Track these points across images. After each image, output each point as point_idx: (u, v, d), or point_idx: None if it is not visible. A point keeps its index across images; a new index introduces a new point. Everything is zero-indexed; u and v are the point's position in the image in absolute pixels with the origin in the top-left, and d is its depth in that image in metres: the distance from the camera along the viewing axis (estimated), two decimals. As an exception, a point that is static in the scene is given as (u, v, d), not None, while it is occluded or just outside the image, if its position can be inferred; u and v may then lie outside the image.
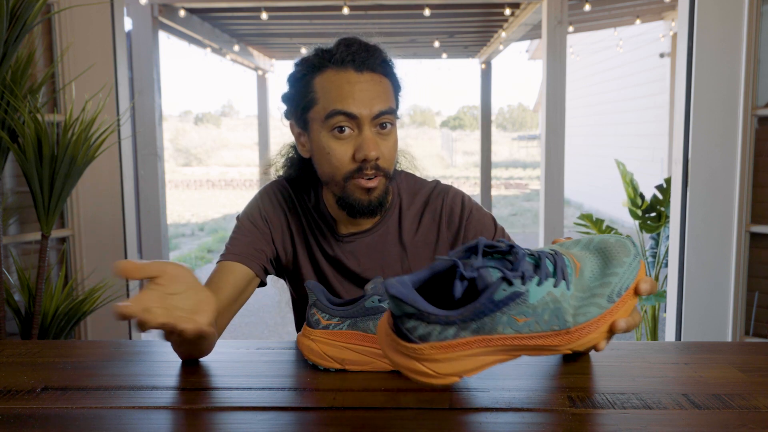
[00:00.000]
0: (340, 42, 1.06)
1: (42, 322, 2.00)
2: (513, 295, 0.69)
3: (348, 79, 1.03)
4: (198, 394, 0.87)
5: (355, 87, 1.03)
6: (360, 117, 1.02)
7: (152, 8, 4.58)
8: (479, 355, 0.71)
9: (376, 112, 1.03)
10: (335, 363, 0.93)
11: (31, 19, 1.84)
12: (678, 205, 2.28)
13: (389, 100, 1.06)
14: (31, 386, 0.88)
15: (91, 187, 2.33)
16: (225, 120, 36.68)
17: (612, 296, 0.72)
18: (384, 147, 1.05)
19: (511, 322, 0.69)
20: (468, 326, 0.69)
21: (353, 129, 1.04)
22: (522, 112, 39.78)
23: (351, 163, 1.04)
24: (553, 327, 0.70)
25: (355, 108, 1.02)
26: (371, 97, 1.03)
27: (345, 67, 1.04)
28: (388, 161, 1.06)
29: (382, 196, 1.08)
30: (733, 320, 2.22)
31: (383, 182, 1.07)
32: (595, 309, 0.71)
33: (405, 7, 5.15)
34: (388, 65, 1.08)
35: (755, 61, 2.14)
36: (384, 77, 1.06)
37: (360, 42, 1.06)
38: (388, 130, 1.06)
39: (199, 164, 22.61)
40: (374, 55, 1.06)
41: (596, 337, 0.72)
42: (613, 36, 8.61)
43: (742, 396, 0.83)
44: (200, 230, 9.32)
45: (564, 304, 0.71)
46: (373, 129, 1.04)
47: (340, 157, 1.04)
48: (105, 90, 2.27)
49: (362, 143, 1.03)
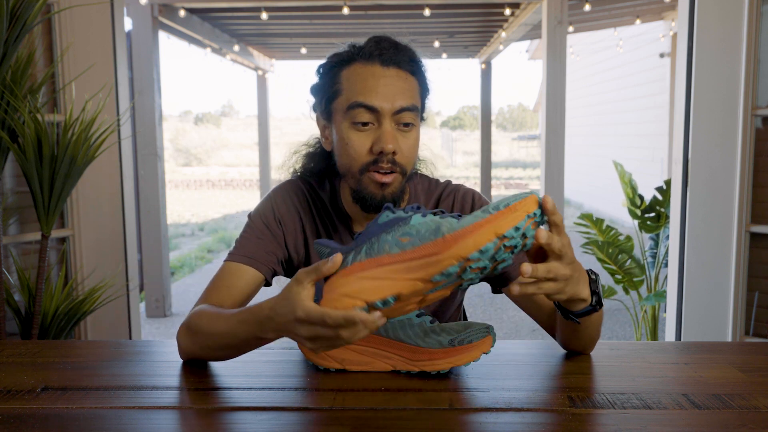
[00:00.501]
0: (371, 38, 1.08)
1: (42, 322, 2.00)
2: (395, 219, 0.81)
3: (373, 72, 1.04)
4: (198, 394, 0.87)
5: (380, 81, 1.03)
6: (381, 110, 1.03)
7: (152, 8, 4.58)
8: (375, 278, 0.78)
9: (398, 107, 1.03)
10: (335, 363, 0.93)
11: (31, 19, 1.84)
12: (678, 205, 2.28)
13: (413, 98, 1.06)
14: (31, 386, 0.88)
15: (91, 187, 2.33)
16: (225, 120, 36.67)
17: (488, 209, 0.76)
18: (403, 143, 1.05)
19: (396, 242, 0.79)
20: (361, 249, 0.80)
21: (374, 122, 1.04)
22: (522, 112, 39.78)
23: (368, 155, 1.04)
24: (430, 238, 0.77)
25: (377, 101, 1.02)
26: (394, 92, 1.03)
27: (372, 61, 1.05)
28: (406, 158, 1.06)
29: (397, 193, 1.07)
30: (733, 320, 2.22)
31: (399, 179, 1.06)
32: (469, 218, 0.76)
33: (405, 7, 5.15)
34: (417, 65, 1.09)
35: (755, 61, 2.14)
36: (410, 75, 1.07)
37: (390, 39, 1.08)
38: (410, 129, 1.06)
39: (199, 164, 22.61)
40: (403, 53, 1.06)
41: (477, 240, 0.74)
42: (613, 36, 8.61)
43: (742, 396, 0.83)
44: (200, 230, 9.32)
45: (444, 223, 0.77)
46: (393, 124, 1.04)
47: (357, 148, 1.04)
48: (105, 90, 2.27)
49: (381, 136, 1.03)
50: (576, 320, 0.91)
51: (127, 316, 2.45)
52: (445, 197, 1.19)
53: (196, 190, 15.62)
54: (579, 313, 0.90)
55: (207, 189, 15.75)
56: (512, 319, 4.52)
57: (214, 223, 9.90)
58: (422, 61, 1.11)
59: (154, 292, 4.69)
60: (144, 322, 4.56)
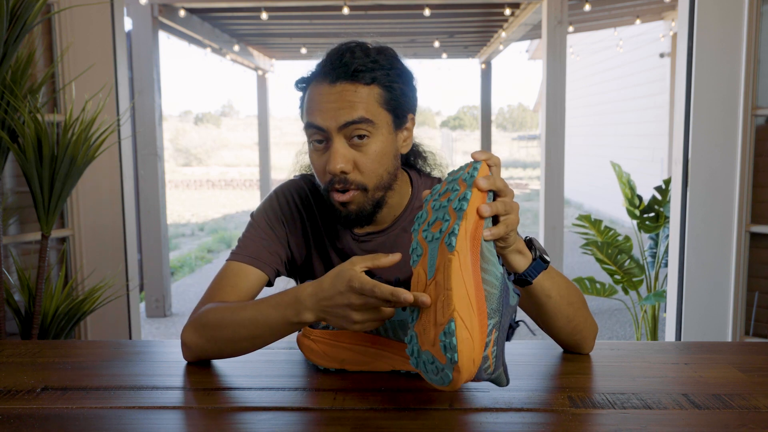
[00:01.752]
0: (331, 52, 1.05)
1: (42, 322, 2.00)
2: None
3: (320, 91, 1.03)
4: (198, 394, 0.87)
5: (323, 98, 1.02)
6: (327, 129, 1.01)
7: (152, 8, 4.58)
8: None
9: (342, 122, 1.00)
10: (335, 363, 0.93)
11: (31, 19, 1.84)
12: (678, 205, 2.28)
13: (363, 109, 1.01)
14: (31, 386, 0.88)
15: (91, 187, 2.33)
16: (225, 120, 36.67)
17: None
18: (359, 158, 1.02)
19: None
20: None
21: (327, 141, 1.03)
22: (522, 112, 39.77)
23: (326, 175, 1.04)
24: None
25: (320, 120, 1.01)
26: (338, 108, 1.00)
27: (323, 79, 1.03)
28: (364, 174, 1.03)
29: (366, 207, 1.05)
30: (733, 320, 2.22)
31: (359, 196, 1.04)
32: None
33: (405, 7, 5.15)
34: (376, 73, 1.03)
35: (755, 61, 2.14)
36: (364, 86, 1.02)
37: (351, 49, 1.04)
38: (365, 141, 1.02)
39: (199, 164, 22.61)
40: (358, 63, 1.02)
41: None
42: (613, 36, 8.61)
43: (742, 396, 0.83)
44: (200, 230, 9.32)
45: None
46: (344, 141, 1.02)
47: (317, 167, 1.05)
48: (105, 90, 2.27)
49: (329, 156, 1.02)
50: (530, 279, 0.94)
51: (127, 316, 2.45)
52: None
53: (196, 190, 15.62)
54: (530, 271, 0.93)
55: (207, 189, 15.75)
56: (512, 319, 4.51)
57: (214, 223, 9.90)
58: (398, 63, 1.07)
59: (154, 292, 4.69)
60: (144, 322, 4.56)
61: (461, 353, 0.70)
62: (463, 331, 0.71)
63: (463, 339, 0.71)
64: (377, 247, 1.16)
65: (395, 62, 1.06)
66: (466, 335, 0.71)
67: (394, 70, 1.05)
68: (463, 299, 0.73)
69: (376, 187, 1.05)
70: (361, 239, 1.15)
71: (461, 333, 0.71)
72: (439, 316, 0.74)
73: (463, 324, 0.71)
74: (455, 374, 0.71)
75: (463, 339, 0.71)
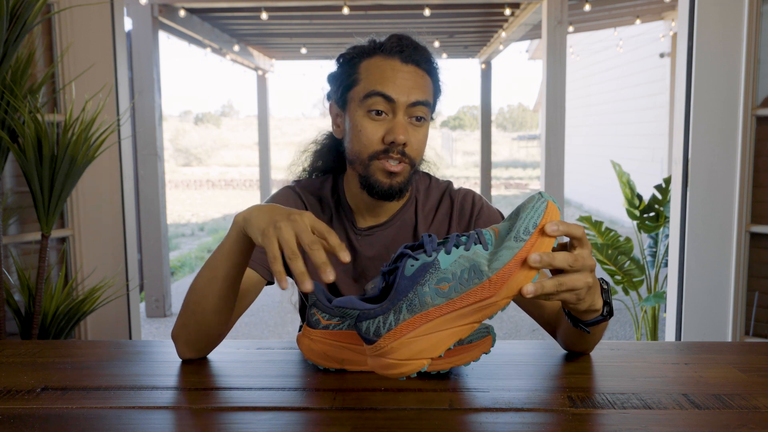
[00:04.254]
0: (393, 35, 1.12)
1: (42, 322, 1.99)
2: (424, 267, 0.75)
3: (393, 65, 1.08)
4: (198, 394, 0.87)
5: (398, 74, 1.08)
6: (397, 101, 1.07)
7: (152, 8, 4.58)
8: (430, 332, 0.75)
9: (413, 100, 1.07)
10: (335, 363, 0.93)
11: (31, 19, 1.84)
12: (678, 205, 2.28)
13: (427, 94, 1.10)
14: (31, 386, 0.88)
15: (91, 187, 2.33)
16: (225, 120, 36.68)
17: (518, 235, 0.75)
18: (414, 136, 1.09)
19: (437, 291, 0.75)
20: (400, 308, 0.75)
21: (388, 113, 1.08)
22: (522, 112, 39.77)
23: (379, 144, 1.08)
24: (474, 282, 0.74)
25: (393, 92, 1.07)
26: (411, 86, 1.07)
27: (392, 56, 1.09)
28: (416, 150, 1.10)
29: (404, 183, 1.11)
30: (733, 320, 2.22)
31: (407, 170, 1.10)
32: (506, 252, 0.75)
33: (405, 7, 5.15)
34: (433, 66, 1.13)
35: (755, 61, 2.13)
36: (426, 74, 1.11)
37: (411, 39, 1.12)
38: (421, 123, 1.10)
39: (199, 164, 22.60)
40: (421, 52, 1.11)
41: (526, 275, 0.74)
42: (613, 36, 8.62)
43: (742, 396, 0.83)
44: (200, 230, 9.32)
45: (479, 259, 0.75)
46: (406, 117, 1.08)
47: (370, 135, 1.08)
48: (105, 90, 2.27)
49: (394, 126, 1.07)
50: (586, 330, 0.90)
51: (127, 316, 2.45)
52: (446, 197, 1.23)
53: (196, 190, 15.61)
54: (590, 323, 0.89)
55: (207, 189, 15.74)
56: (512, 319, 4.52)
57: (214, 223, 9.90)
58: (437, 63, 1.15)
59: (154, 292, 4.69)
60: (144, 322, 4.56)
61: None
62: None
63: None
64: (379, 240, 1.19)
65: (437, 64, 1.16)
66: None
67: (439, 71, 1.15)
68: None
69: (416, 167, 1.12)
70: (363, 233, 1.18)
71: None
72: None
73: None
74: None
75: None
